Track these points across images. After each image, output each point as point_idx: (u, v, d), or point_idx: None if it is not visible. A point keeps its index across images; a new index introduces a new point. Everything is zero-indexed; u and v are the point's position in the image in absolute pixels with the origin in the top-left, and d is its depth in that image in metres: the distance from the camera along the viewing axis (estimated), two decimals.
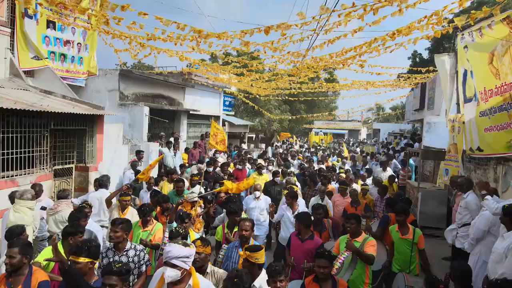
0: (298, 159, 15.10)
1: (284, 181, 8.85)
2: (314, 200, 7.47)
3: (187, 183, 8.30)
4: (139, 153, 10.35)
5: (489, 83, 5.98)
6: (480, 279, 4.57)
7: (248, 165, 11.83)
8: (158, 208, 6.30)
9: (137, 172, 8.92)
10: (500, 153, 6.26)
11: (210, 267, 3.69)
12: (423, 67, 15.22)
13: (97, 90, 11.93)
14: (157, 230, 5.23)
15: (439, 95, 14.98)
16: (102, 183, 6.99)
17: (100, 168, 8.68)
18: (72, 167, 8.35)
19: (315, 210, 5.74)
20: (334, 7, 6.21)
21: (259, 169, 10.02)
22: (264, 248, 3.68)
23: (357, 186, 8.78)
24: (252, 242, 4.28)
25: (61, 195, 6.05)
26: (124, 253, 4.07)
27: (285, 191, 7.15)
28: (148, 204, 5.74)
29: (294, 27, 6.71)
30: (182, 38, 6.96)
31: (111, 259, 4.00)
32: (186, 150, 14.33)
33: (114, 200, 6.49)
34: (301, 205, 6.60)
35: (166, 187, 8.30)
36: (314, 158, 15.81)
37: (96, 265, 3.58)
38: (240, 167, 11.02)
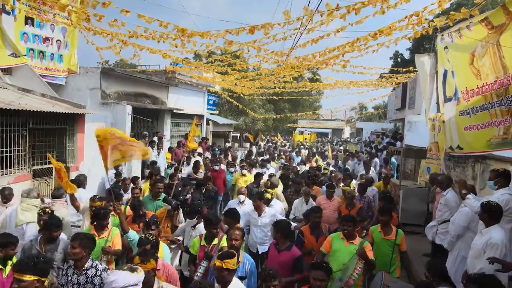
0: (281, 158, 14.56)
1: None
2: (298, 203, 7.19)
3: None
4: None
5: (470, 83, 6.12)
6: (459, 274, 4.68)
7: (222, 166, 10.76)
8: (131, 215, 5.73)
9: (118, 172, 8.81)
10: (480, 151, 6.42)
11: (158, 283, 3.38)
12: (405, 67, 15.50)
13: (78, 88, 11.69)
14: (114, 235, 4.77)
15: (420, 95, 15.27)
16: (79, 182, 6.83)
17: (81, 168, 8.52)
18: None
19: (313, 213, 5.49)
20: (318, 7, 6.26)
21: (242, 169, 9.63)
22: (236, 255, 3.50)
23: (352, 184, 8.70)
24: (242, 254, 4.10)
25: (56, 194, 5.87)
26: (84, 272, 3.62)
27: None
28: (104, 207, 5.21)
29: (278, 26, 6.73)
30: (165, 37, 6.90)
31: (70, 278, 3.63)
32: (170, 149, 14.22)
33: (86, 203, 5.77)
34: (276, 209, 6.40)
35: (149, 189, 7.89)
36: (298, 158, 15.53)
37: (47, 282, 3.13)
38: (216, 167, 10.01)
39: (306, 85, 16.01)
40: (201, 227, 5.30)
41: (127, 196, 7.40)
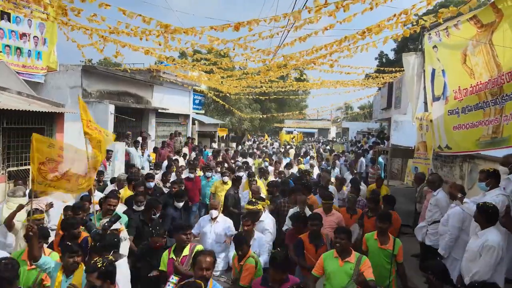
0: (265, 160, 13.03)
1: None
2: (292, 212, 6.07)
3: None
4: (107, 153, 9.87)
5: (464, 82, 6.06)
6: (451, 276, 4.58)
7: (198, 172, 9.58)
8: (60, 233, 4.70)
9: (99, 173, 8.47)
10: (468, 150, 6.38)
11: None
12: (390, 68, 15.55)
13: (57, 86, 11.29)
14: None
15: (406, 95, 15.32)
16: None
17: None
18: (29, 169, 7.78)
19: (310, 220, 4.93)
20: (305, 3, 6.11)
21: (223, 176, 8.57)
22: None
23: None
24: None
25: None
26: None
27: (248, 205, 5.67)
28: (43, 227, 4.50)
29: (264, 23, 6.55)
30: (147, 33, 6.64)
31: None
32: (155, 149, 13.90)
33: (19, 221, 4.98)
34: (266, 226, 5.50)
35: (127, 193, 7.01)
36: (287, 159, 14.35)
37: None
38: (191, 175, 8.67)
39: (293, 84, 15.88)
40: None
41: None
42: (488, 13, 5.66)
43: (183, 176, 9.18)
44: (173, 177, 9.00)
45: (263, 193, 7.56)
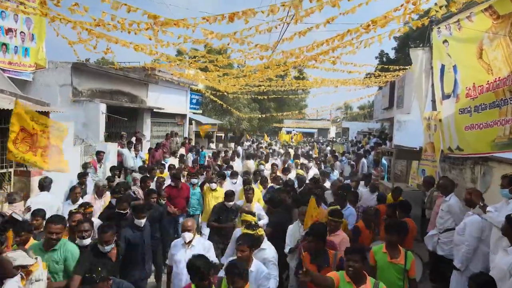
0: (261, 164, 11.88)
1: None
2: (293, 229, 5.22)
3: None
4: (98, 154, 9.40)
5: (479, 79, 5.60)
6: None
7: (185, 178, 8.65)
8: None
9: (82, 174, 8.01)
10: (483, 152, 5.90)
11: None
12: (385, 71, 15.09)
13: (46, 84, 10.79)
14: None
15: (409, 94, 14.87)
16: (44, 185, 6.34)
17: (45, 173, 7.66)
18: (10, 172, 7.30)
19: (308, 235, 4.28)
20: None
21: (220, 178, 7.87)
22: None
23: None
24: None
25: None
26: None
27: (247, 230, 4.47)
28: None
29: (261, 15, 6.07)
30: (136, 27, 6.15)
31: None
32: (150, 150, 13.39)
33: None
34: (268, 256, 4.33)
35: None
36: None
37: None
38: (173, 184, 7.53)
39: (292, 83, 15.39)
40: None
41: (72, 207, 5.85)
42: (505, 3, 5.19)
43: (167, 183, 7.84)
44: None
45: (261, 204, 6.76)
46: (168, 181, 7.92)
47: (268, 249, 4.44)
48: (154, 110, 15.09)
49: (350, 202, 6.55)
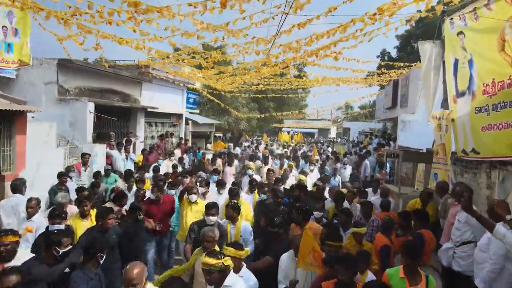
0: (249, 168, 10.17)
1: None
2: (287, 260, 4.19)
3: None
4: (83, 156, 8.78)
5: (500, 73, 4.98)
6: None
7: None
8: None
9: (61, 175, 7.37)
10: (503, 156, 5.29)
11: None
12: (390, 68, 14.52)
13: (31, 82, 10.18)
14: None
15: (414, 92, 14.27)
16: (15, 187, 5.85)
17: (22, 176, 7.06)
18: None
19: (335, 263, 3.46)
20: None
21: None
22: None
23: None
24: None
25: None
26: None
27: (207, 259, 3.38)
28: None
29: (257, 3, 5.47)
30: (118, 19, 5.55)
31: None
32: (143, 151, 12.75)
33: None
34: None
35: (79, 225, 5.17)
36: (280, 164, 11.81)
37: None
38: (153, 196, 6.07)
39: (292, 81, 14.77)
40: None
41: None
42: None
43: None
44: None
45: (249, 218, 5.85)
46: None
47: (236, 284, 3.37)
48: (148, 109, 14.48)
49: (364, 215, 5.80)
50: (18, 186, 5.90)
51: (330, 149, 24.12)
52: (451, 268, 5.08)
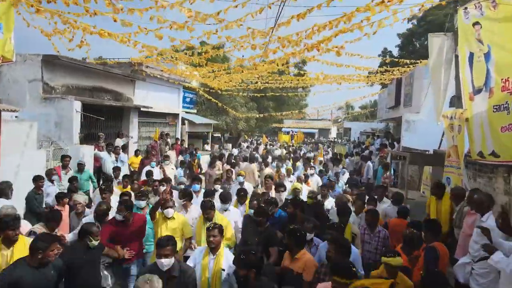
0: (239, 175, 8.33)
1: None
2: None
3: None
4: (63, 159, 8.20)
5: None
6: None
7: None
8: None
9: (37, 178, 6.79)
10: None
11: None
12: (394, 65, 13.94)
13: (14, 80, 9.63)
14: None
15: (418, 91, 13.71)
16: (1, 191, 5.51)
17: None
18: None
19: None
20: None
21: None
22: None
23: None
24: None
25: None
26: None
27: None
28: None
29: None
30: (96, 7, 4.99)
31: None
32: (136, 152, 12.09)
33: None
34: None
35: None
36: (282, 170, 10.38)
37: None
38: (119, 217, 4.81)
39: (292, 79, 14.18)
40: None
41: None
42: None
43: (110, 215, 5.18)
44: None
45: (229, 236, 4.78)
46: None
47: None
48: (142, 109, 13.91)
49: (369, 224, 5.21)
50: (4, 190, 5.52)
51: (330, 150, 23.55)
52: (469, 286, 4.51)
